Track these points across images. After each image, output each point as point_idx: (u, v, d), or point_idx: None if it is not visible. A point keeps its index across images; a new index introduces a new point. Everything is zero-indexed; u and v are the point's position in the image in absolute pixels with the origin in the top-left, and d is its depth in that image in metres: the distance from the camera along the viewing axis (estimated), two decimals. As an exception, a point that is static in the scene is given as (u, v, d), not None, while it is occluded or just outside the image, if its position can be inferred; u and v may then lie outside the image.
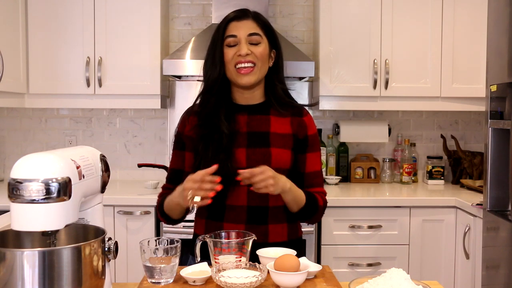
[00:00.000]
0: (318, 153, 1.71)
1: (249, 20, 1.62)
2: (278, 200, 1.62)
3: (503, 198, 2.22)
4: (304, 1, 3.37)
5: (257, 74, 1.61)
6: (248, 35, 1.60)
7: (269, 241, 1.61)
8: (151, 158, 3.36)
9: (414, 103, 3.06)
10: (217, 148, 1.56)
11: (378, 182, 3.31)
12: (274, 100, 1.67)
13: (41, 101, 3.02)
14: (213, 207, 1.60)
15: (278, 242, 1.62)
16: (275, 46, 1.67)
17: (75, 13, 2.96)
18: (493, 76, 2.23)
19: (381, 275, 1.23)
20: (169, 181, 1.72)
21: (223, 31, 1.62)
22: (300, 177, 1.67)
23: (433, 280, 1.48)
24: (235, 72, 1.60)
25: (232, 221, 1.61)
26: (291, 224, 1.68)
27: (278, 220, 1.64)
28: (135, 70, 2.98)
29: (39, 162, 1.01)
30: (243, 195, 1.60)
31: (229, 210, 1.61)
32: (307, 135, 1.68)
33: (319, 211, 1.66)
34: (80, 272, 1.01)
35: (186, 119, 1.70)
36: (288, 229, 1.67)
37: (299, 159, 1.67)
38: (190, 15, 3.37)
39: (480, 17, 2.95)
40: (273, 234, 1.63)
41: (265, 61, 1.62)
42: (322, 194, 1.69)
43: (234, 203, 1.61)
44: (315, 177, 1.69)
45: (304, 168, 1.67)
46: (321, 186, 1.71)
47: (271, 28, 1.67)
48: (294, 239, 1.69)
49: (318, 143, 1.71)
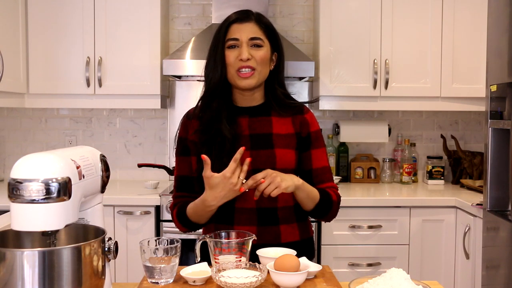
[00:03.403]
0: (323, 149, 1.69)
1: (251, 23, 1.60)
2: (287, 201, 1.62)
3: (503, 198, 2.22)
4: (304, 1, 3.37)
5: (256, 77, 1.60)
6: (250, 39, 1.58)
7: (282, 241, 1.60)
8: (151, 158, 3.36)
9: (414, 103, 3.06)
10: (220, 153, 1.55)
11: (378, 182, 3.31)
12: (274, 102, 1.66)
13: (41, 101, 3.02)
14: (222, 211, 1.59)
15: (291, 242, 1.61)
16: (277, 49, 1.66)
17: (75, 13, 2.96)
18: (493, 76, 2.23)
19: (381, 275, 1.23)
20: (180, 189, 1.67)
21: (224, 33, 1.60)
22: (309, 175, 1.64)
23: (433, 280, 1.48)
24: (236, 75, 1.59)
25: (243, 224, 1.59)
26: (301, 223, 1.67)
27: (288, 220, 1.63)
28: (135, 70, 2.98)
29: (39, 162, 1.00)
30: (251, 197, 1.58)
31: (239, 213, 1.60)
32: (310, 132, 1.66)
33: (334, 206, 1.63)
34: (80, 272, 1.01)
35: (187, 123, 1.67)
36: (299, 229, 1.66)
37: (305, 156, 1.66)
38: (190, 15, 3.37)
39: (480, 17, 2.95)
40: (285, 234, 1.62)
41: (265, 65, 1.61)
42: (334, 189, 1.66)
43: (243, 205, 1.59)
44: (323, 172, 1.66)
45: (311, 165, 1.65)
46: (331, 181, 1.67)
47: (273, 30, 1.65)
48: (306, 239, 1.68)
49: (322, 139, 1.69)
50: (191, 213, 1.58)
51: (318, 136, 1.68)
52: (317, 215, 1.64)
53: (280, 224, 1.62)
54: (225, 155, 1.54)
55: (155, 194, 2.80)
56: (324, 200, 1.59)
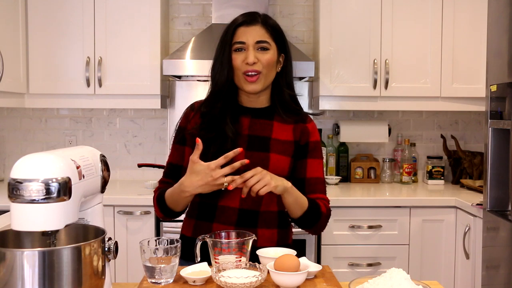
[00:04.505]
0: (320, 161, 1.67)
1: (257, 26, 1.60)
2: (270, 205, 1.62)
3: (503, 198, 2.22)
4: (304, 1, 3.37)
5: (262, 81, 1.60)
6: (256, 42, 1.59)
7: (257, 245, 1.55)
8: (151, 158, 3.36)
9: (414, 103, 3.06)
10: (218, 151, 1.54)
11: (378, 182, 3.31)
12: (280, 106, 1.66)
13: (41, 101, 3.02)
14: (204, 207, 1.60)
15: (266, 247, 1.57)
16: (284, 51, 1.66)
17: (75, 13, 2.96)
18: (493, 76, 2.23)
19: (381, 275, 1.23)
20: (167, 175, 1.69)
21: (231, 36, 1.61)
22: (301, 184, 1.63)
23: (433, 280, 1.48)
24: (243, 79, 1.59)
25: (222, 222, 1.60)
26: (281, 230, 1.66)
27: (268, 225, 1.63)
28: (135, 70, 2.98)
29: (39, 162, 1.00)
30: (236, 197, 1.59)
31: (220, 211, 1.61)
32: (309, 141, 1.66)
33: (322, 218, 1.61)
34: (80, 272, 1.01)
35: (190, 114, 1.68)
36: (278, 235, 1.65)
37: (300, 164, 1.65)
38: (190, 15, 3.37)
39: (480, 17, 2.95)
40: (262, 239, 1.61)
41: (271, 68, 1.61)
42: (325, 201, 1.64)
43: (226, 204, 1.60)
44: (316, 183, 1.65)
45: (305, 174, 1.64)
46: (323, 193, 1.66)
47: (280, 32, 1.65)
48: (282, 245, 1.64)
49: (320, 150, 1.68)
50: (168, 196, 1.58)
51: (317, 147, 1.67)
52: (304, 224, 1.61)
53: (258, 228, 1.61)
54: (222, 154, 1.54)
55: (155, 194, 2.80)
56: (312, 209, 1.58)
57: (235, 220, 1.60)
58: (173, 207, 1.60)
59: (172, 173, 1.68)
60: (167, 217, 1.65)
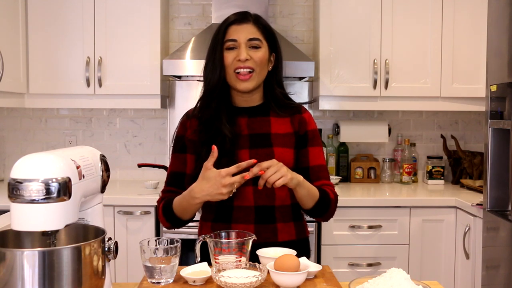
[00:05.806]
0: (321, 148, 1.69)
1: (249, 24, 1.61)
2: (284, 200, 1.63)
3: (503, 198, 2.22)
4: (304, 1, 3.37)
5: (255, 79, 1.61)
6: (248, 40, 1.60)
7: (278, 240, 1.61)
8: (151, 158, 3.36)
9: (414, 103, 3.06)
10: (219, 152, 1.55)
11: (378, 182, 3.31)
12: (273, 103, 1.68)
13: (41, 101, 3.02)
14: (220, 209, 1.60)
15: (287, 240, 1.62)
16: (275, 50, 1.67)
17: (75, 13, 2.96)
18: (493, 76, 2.23)
19: (381, 275, 1.23)
20: (170, 184, 1.68)
21: (223, 34, 1.61)
22: (306, 172, 1.64)
23: (433, 280, 1.48)
24: (234, 77, 1.60)
25: (241, 222, 1.60)
26: (297, 222, 1.68)
27: (285, 219, 1.64)
28: (135, 70, 2.98)
29: (39, 162, 1.00)
30: (249, 195, 1.60)
31: (237, 211, 1.61)
32: (307, 130, 1.68)
33: (332, 205, 1.62)
34: (80, 272, 1.01)
35: (186, 122, 1.69)
36: (295, 228, 1.67)
37: (302, 154, 1.66)
38: (190, 15, 3.37)
39: (480, 17, 2.95)
40: (282, 233, 1.63)
41: (264, 66, 1.63)
42: (331, 187, 1.66)
43: (241, 203, 1.60)
44: (320, 170, 1.66)
45: (308, 162, 1.66)
46: (328, 179, 1.67)
47: (271, 31, 1.66)
48: (302, 238, 1.70)
49: (318, 138, 1.70)
50: (177, 205, 1.57)
51: (315, 135, 1.69)
52: (315, 214, 1.63)
53: (277, 223, 1.63)
54: (225, 155, 1.55)
55: (155, 194, 2.80)
56: (323, 198, 1.59)
57: (253, 218, 1.60)
58: (181, 216, 1.59)
59: (175, 181, 1.67)
60: (174, 226, 1.64)
